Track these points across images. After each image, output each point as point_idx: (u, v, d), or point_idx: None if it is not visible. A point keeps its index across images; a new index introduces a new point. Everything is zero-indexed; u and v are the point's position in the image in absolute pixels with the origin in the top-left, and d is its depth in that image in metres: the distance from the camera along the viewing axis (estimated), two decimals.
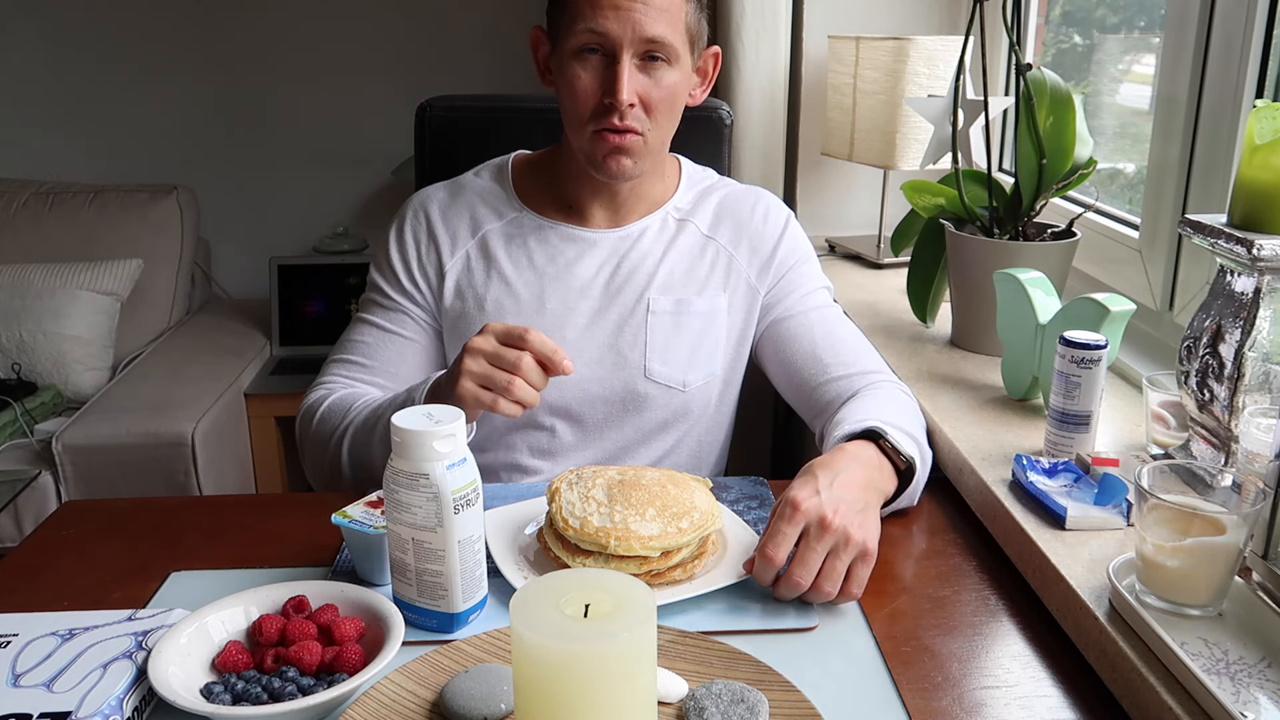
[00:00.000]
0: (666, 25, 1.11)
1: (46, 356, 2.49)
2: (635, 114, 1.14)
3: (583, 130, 1.16)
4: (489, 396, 1.00)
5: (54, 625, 0.83)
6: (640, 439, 1.27)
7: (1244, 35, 1.15)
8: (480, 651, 0.82)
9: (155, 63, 2.91)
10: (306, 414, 1.21)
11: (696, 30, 1.17)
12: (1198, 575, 0.78)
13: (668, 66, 1.14)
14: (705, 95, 1.26)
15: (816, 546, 0.87)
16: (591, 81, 1.13)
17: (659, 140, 1.19)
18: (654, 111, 1.15)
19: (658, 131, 1.17)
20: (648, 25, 1.10)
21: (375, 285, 1.27)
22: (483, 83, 2.95)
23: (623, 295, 1.25)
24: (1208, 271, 1.23)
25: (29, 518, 2.20)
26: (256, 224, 3.09)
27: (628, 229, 1.26)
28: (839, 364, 1.21)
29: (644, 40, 1.11)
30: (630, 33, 1.10)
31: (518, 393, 0.99)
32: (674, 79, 1.15)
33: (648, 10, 1.10)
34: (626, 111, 1.12)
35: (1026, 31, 1.86)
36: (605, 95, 1.12)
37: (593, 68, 1.13)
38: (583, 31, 1.11)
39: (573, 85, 1.14)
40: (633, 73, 1.12)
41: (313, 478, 1.24)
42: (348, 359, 1.24)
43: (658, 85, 1.14)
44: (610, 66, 1.12)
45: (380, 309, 1.26)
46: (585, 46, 1.12)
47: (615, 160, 1.16)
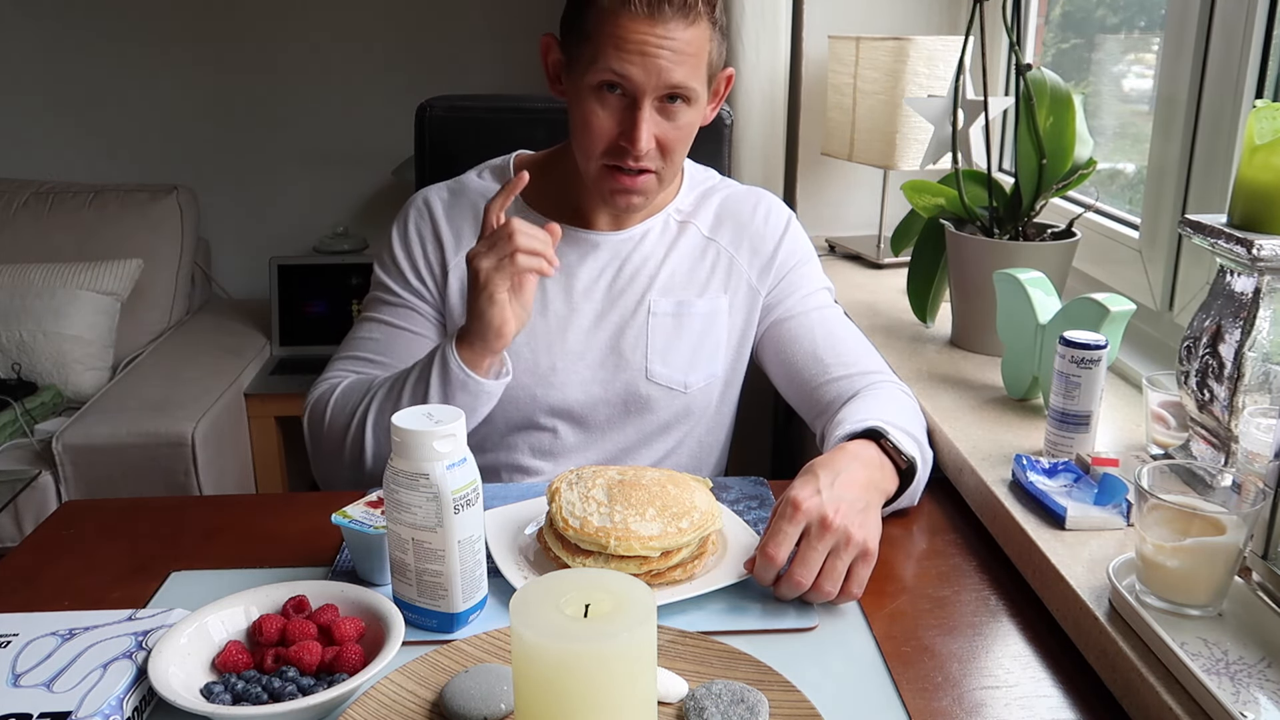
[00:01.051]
0: (690, 71, 1.09)
1: (46, 356, 2.49)
2: (650, 155, 1.12)
3: (593, 163, 1.15)
4: (507, 262, 1.03)
5: (54, 625, 0.83)
6: (641, 440, 1.27)
7: (1244, 35, 1.15)
8: (480, 651, 0.82)
9: (155, 62, 2.91)
10: (316, 408, 1.17)
11: (718, 64, 1.15)
12: (1198, 575, 0.78)
13: (686, 107, 1.12)
14: (715, 114, 1.23)
15: (818, 546, 0.87)
16: (608, 120, 1.11)
17: (671, 174, 1.18)
18: (670, 151, 1.14)
19: (671, 168, 1.16)
20: (673, 73, 1.07)
21: (380, 284, 1.26)
22: (483, 83, 2.95)
23: (624, 297, 1.25)
24: (1208, 271, 1.23)
25: (29, 518, 2.20)
26: (256, 224, 3.08)
27: (630, 232, 1.26)
28: (839, 364, 1.21)
29: (667, 87, 1.08)
30: (655, 80, 1.07)
31: (519, 241, 1.02)
32: (691, 118, 1.13)
33: (674, 57, 1.07)
34: (642, 155, 1.11)
35: (1026, 31, 1.86)
36: (622, 138, 1.11)
37: (611, 107, 1.10)
38: (604, 70, 1.08)
39: (588, 120, 1.11)
40: (651, 116, 1.10)
41: (325, 474, 1.20)
42: (355, 355, 1.22)
43: (675, 126, 1.12)
44: (629, 109, 1.10)
45: (386, 306, 1.25)
46: (605, 84, 1.09)
47: (625, 199, 1.16)
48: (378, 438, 1.12)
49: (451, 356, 1.07)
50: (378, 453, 1.13)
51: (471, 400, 1.09)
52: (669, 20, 1.06)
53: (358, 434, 1.13)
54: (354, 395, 1.15)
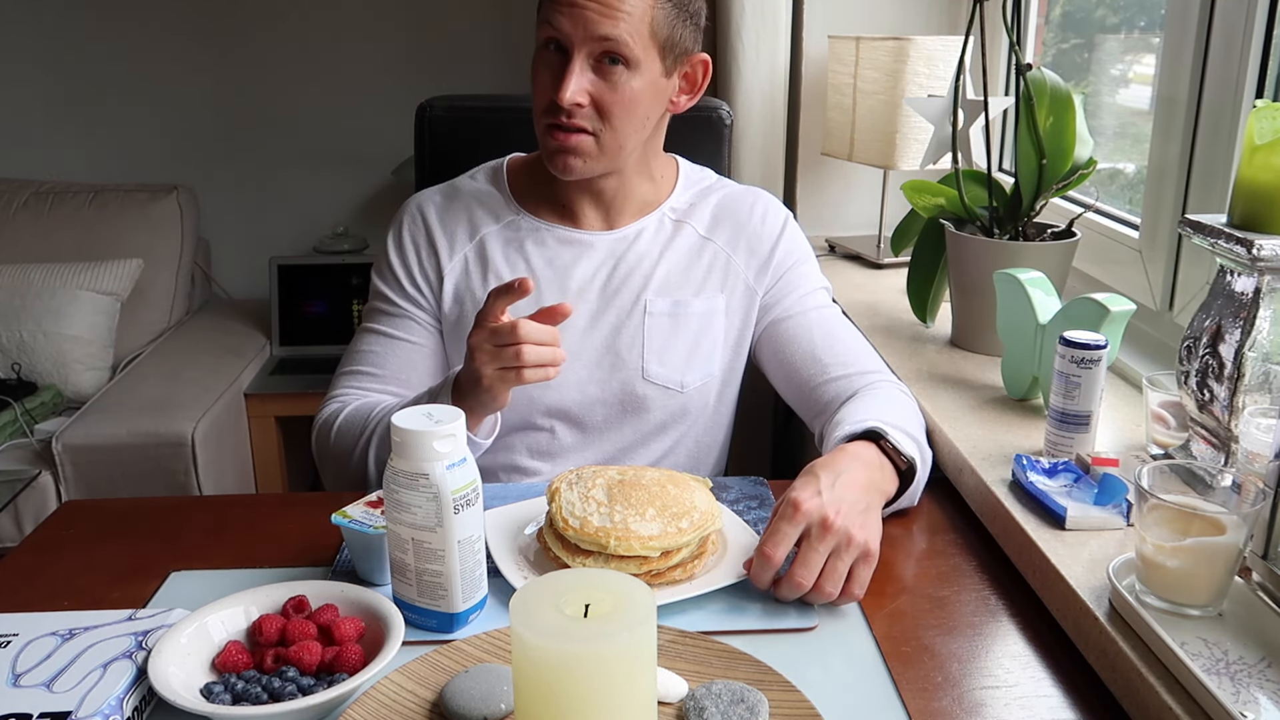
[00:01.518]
0: (623, 27, 1.09)
1: (46, 356, 2.49)
2: (585, 114, 1.13)
3: (539, 123, 1.17)
4: (513, 374, 1.01)
5: (54, 625, 0.83)
6: (639, 440, 1.27)
7: (1244, 35, 1.15)
8: (480, 651, 0.82)
9: (155, 63, 2.91)
10: (323, 429, 1.20)
11: (668, 36, 1.13)
12: (1198, 575, 0.78)
13: (626, 70, 1.12)
14: (693, 103, 1.23)
15: (818, 547, 0.87)
16: (547, 77, 1.13)
17: (615, 144, 1.16)
18: (608, 114, 1.13)
19: (613, 135, 1.15)
20: (600, 24, 1.09)
21: (378, 293, 1.27)
22: (483, 83, 2.95)
23: (620, 297, 1.25)
24: (1208, 271, 1.23)
25: (29, 518, 2.20)
26: (256, 224, 3.08)
27: (624, 231, 1.26)
28: (838, 364, 1.21)
29: (596, 39, 1.09)
30: (582, 31, 1.09)
31: (529, 357, 1.00)
32: (634, 85, 1.12)
33: (603, 9, 1.09)
34: (573, 110, 1.12)
35: (1026, 32, 1.86)
36: (554, 91, 1.12)
37: (550, 65, 1.13)
38: (543, 24, 1.12)
39: (534, 80, 1.15)
40: (584, 72, 1.11)
41: (334, 487, 1.23)
42: (357, 369, 1.24)
43: (613, 89, 1.12)
44: (564, 64, 1.12)
45: (385, 316, 1.26)
46: (547, 41, 1.13)
47: (563, 159, 1.16)
48: (377, 469, 1.15)
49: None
50: (379, 481, 1.14)
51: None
52: None
53: (360, 460, 1.15)
54: (356, 423, 1.16)
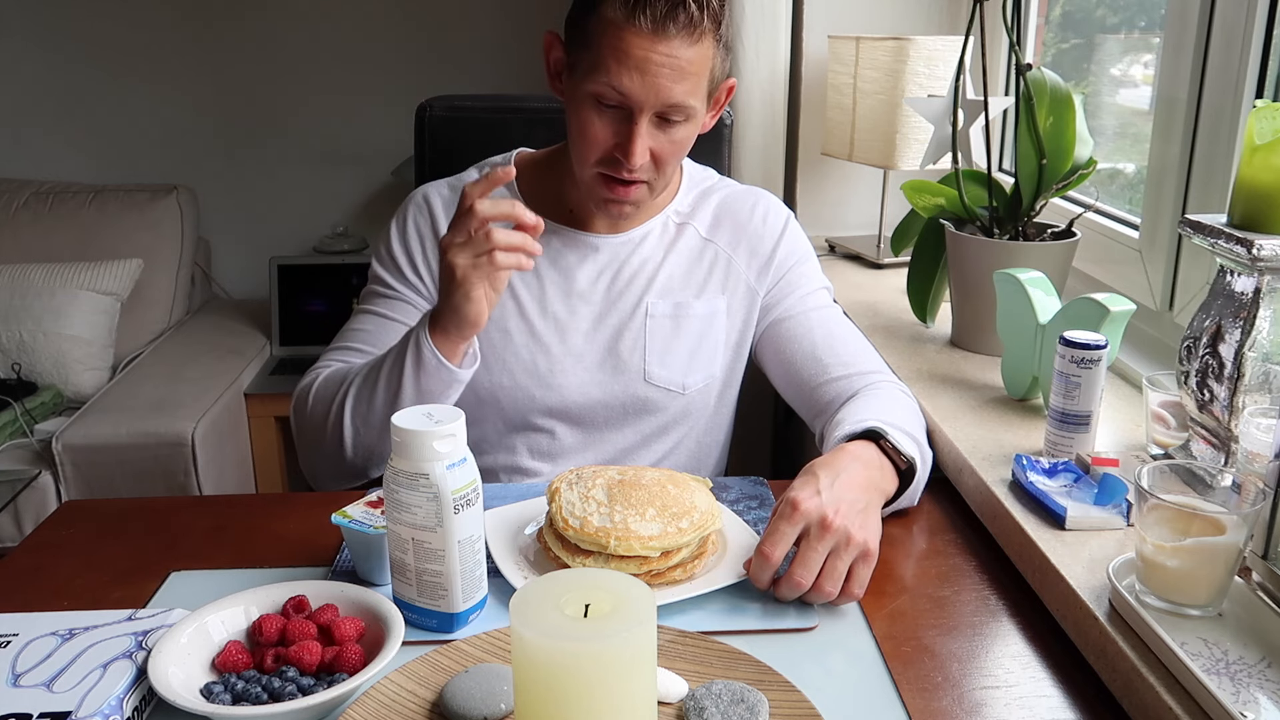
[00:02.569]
0: (690, 89, 1.08)
1: (46, 356, 2.49)
2: (644, 168, 1.12)
3: (586, 170, 1.15)
4: (486, 262, 1.00)
5: (54, 625, 0.83)
6: (640, 442, 1.27)
7: (1244, 35, 1.15)
8: (480, 651, 0.82)
9: (155, 63, 2.91)
10: (301, 395, 1.17)
11: (720, 77, 1.14)
12: (1198, 575, 0.78)
13: (684, 123, 1.11)
14: (714, 122, 1.22)
15: (818, 546, 0.87)
16: (604, 131, 1.10)
17: (662, 185, 1.18)
18: (662, 164, 1.13)
19: (662, 179, 1.16)
20: (673, 91, 1.07)
21: (377, 277, 1.26)
22: (483, 83, 2.95)
23: (622, 300, 1.25)
24: (1208, 271, 1.23)
25: (29, 518, 2.20)
26: (256, 224, 3.09)
27: (629, 234, 1.26)
28: (839, 364, 1.21)
29: (666, 104, 1.08)
30: (653, 98, 1.07)
31: (500, 240, 0.99)
32: (687, 132, 1.13)
33: (675, 75, 1.06)
34: (636, 168, 1.11)
35: (1026, 32, 1.86)
36: (617, 150, 1.11)
37: (608, 119, 1.10)
38: (603, 83, 1.07)
39: (584, 128, 1.11)
40: (647, 131, 1.09)
41: (309, 464, 1.20)
42: (347, 345, 1.22)
43: (670, 140, 1.12)
44: (626, 123, 1.09)
45: (381, 299, 1.25)
46: (604, 98, 1.09)
47: (617, 208, 1.16)
48: (355, 424, 1.11)
49: (426, 344, 1.05)
50: (356, 440, 1.12)
51: (443, 387, 1.08)
52: (673, 38, 1.05)
53: (336, 419, 1.12)
54: (334, 382, 1.14)
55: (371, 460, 1.14)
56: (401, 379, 1.06)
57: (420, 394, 1.07)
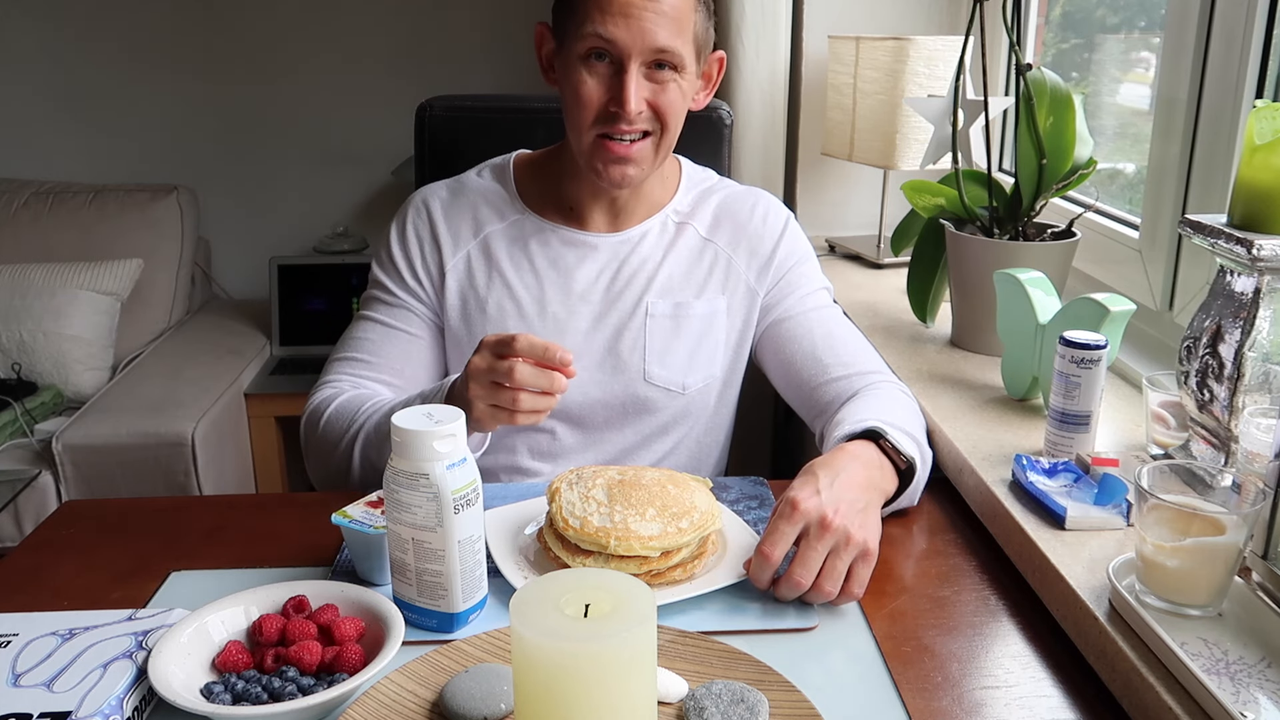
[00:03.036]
0: (675, 34, 1.10)
1: (46, 356, 2.49)
2: (643, 117, 1.13)
3: (585, 135, 1.15)
4: (505, 415, 0.99)
5: (54, 625, 0.83)
6: (640, 441, 1.27)
7: (1244, 35, 1.15)
8: (480, 651, 0.82)
9: (155, 63, 2.91)
10: (312, 416, 1.19)
11: (704, 39, 1.16)
12: (1198, 575, 0.78)
13: (675, 75, 1.13)
14: (708, 99, 1.25)
15: (817, 546, 0.87)
16: (598, 88, 1.12)
17: (666, 145, 1.18)
18: (663, 118, 1.14)
19: (666, 136, 1.16)
20: (658, 34, 1.09)
21: (378, 282, 1.27)
22: (483, 83, 2.95)
23: (622, 300, 1.25)
24: (1208, 271, 1.23)
25: (29, 518, 2.20)
26: (256, 224, 3.08)
27: (628, 233, 1.26)
28: (839, 364, 1.21)
29: (653, 49, 1.10)
30: (640, 41, 1.09)
31: (524, 404, 0.98)
32: (682, 87, 1.14)
33: (658, 19, 1.09)
34: (634, 118, 1.12)
35: (1026, 32, 1.86)
36: (611, 103, 1.12)
37: (599, 74, 1.12)
38: (590, 36, 1.09)
39: (578, 90, 1.13)
40: (640, 81, 1.11)
41: (317, 478, 1.23)
42: (352, 356, 1.23)
43: (665, 93, 1.13)
44: (618, 74, 1.11)
45: (383, 305, 1.25)
46: (592, 51, 1.11)
47: (619, 169, 1.16)
48: (363, 465, 1.13)
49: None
50: (365, 471, 1.14)
51: None
52: None
53: (346, 453, 1.14)
54: (346, 415, 1.15)
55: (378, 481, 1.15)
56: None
57: None
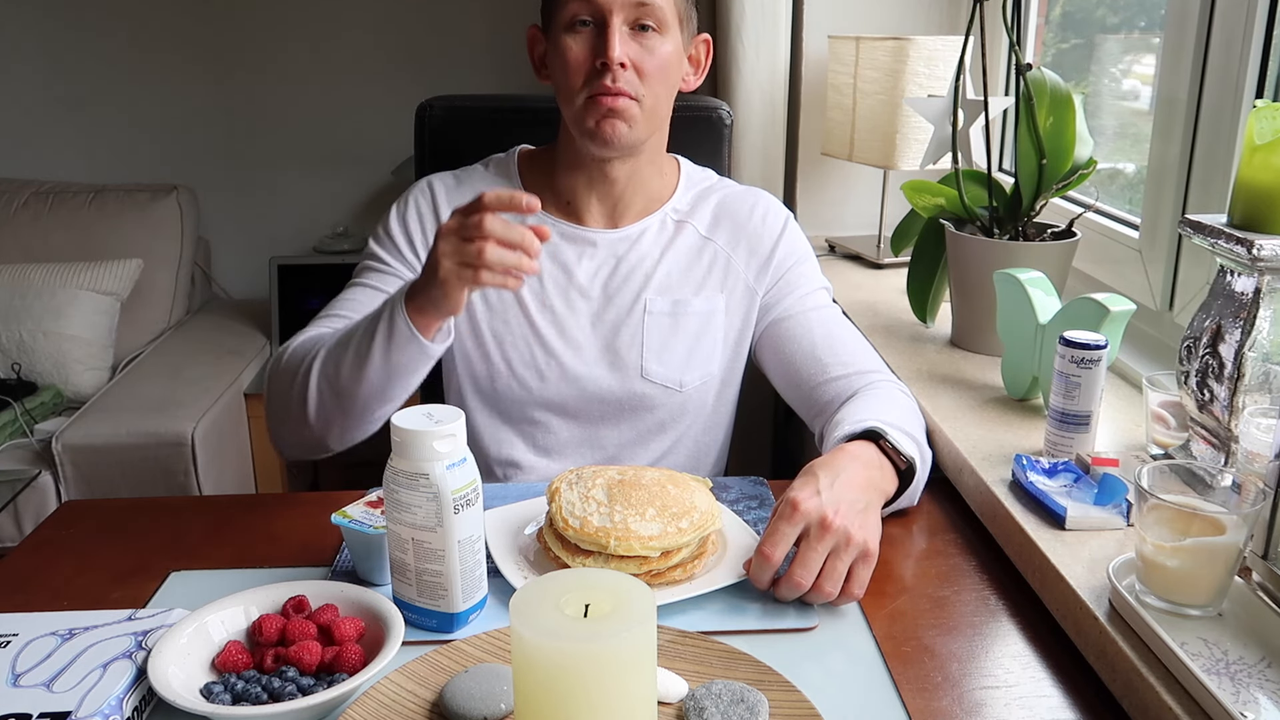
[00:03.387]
0: None
1: (46, 356, 2.49)
2: (628, 77, 1.14)
3: (575, 100, 1.15)
4: (470, 272, 0.96)
5: (54, 625, 0.83)
6: (637, 438, 1.27)
7: (1244, 35, 1.15)
8: (480, 651, 0.82)
9: (155, 62, 2.91)
10: (277, 356, 1.15)
11: (685, 10, 1.18)
12: (1198, 575, 0.78)
13: (659, 35, 1.15)
14: (699, 82, 1.26)
15: (817, 546, 0.87)
16: (583, 50, 1.14)
17: (653, 109, 1.17)
18: (647, 77, 1.15)
19: (652, 99, 1.16)
20: None
21: (372, 253, 1.26)
22: (483, 83, 2.95)
23: (620, 296, 1.25)
24: (1208, 271, 1.23)
25: (29, 518, 2.20)
26: (256, 224, 3.08)
27: (627, 230, 1.26)
28: (838, 364, 1.21)
29: (633, 5, 1.12)
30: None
31: (490, 256, 0.94)
32: (666, 49, 1.16)
33: None
34: (619, 72, 1.13)
35: (1026, 32, 1.86)
36: (597, 58, 1.13)
37: (584, 38, 1.14)
38: (572, 3, 1.13)
39: (565, 58, 1.14)
40: (624, 37, 1.13)
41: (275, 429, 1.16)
42: (333, 314, 1.19)
43: (650, 53, 1.14)
44: (601, 34, 1.13)
45: (375, 273, 1.24)
46: (576, 19, 1.13)
47: (610, 124, 1.14)
48: (319, 386, 1.08)
49: (400, 315, 1.02)
50: (320, 403, 1.08)
51: (412, 360, 1.05)
52: None
53: (303, 380, 1.08)
54: (308, 346, 1.12)
55: (330, 431, 1.10)
56: (372, 346, 1.04)
57: (389, 365, 1.04)
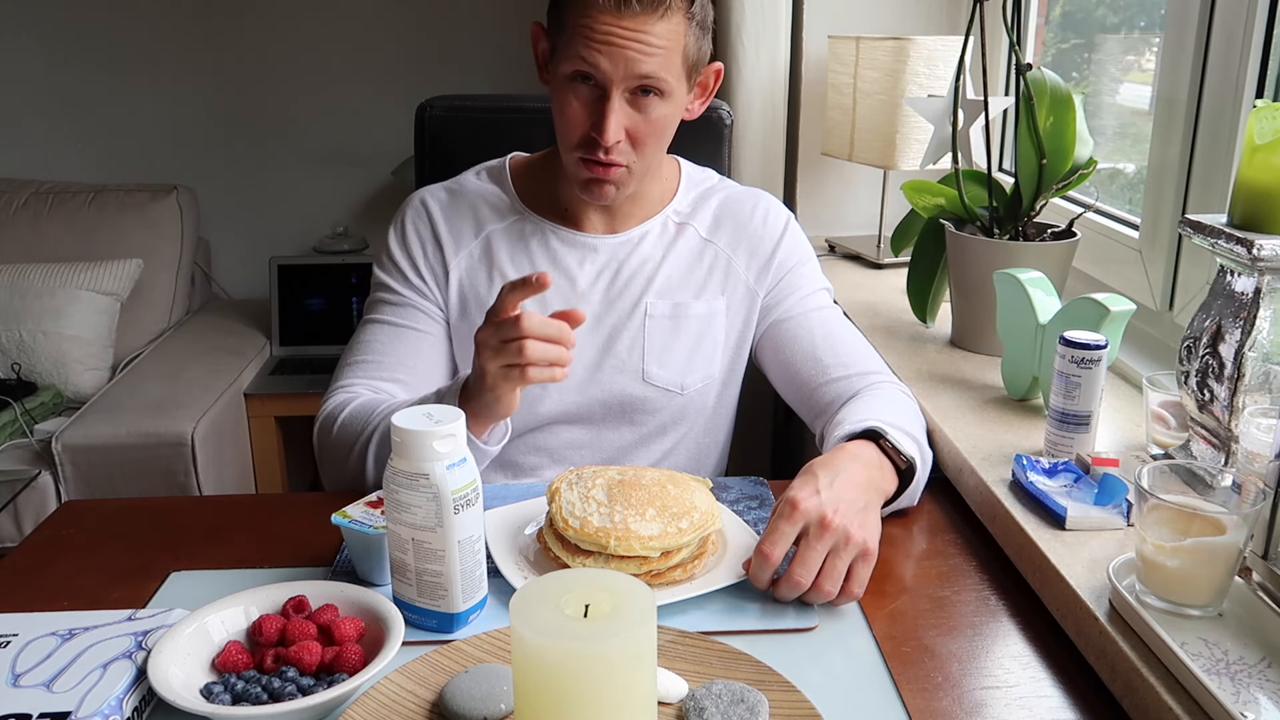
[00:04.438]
0: (662, 64, 1.09)
1: (46, 356, 2.49)
2: (621, 149, 1.13)
3: (569, 154, 1.16)
4: (517, 372, 0.98)
5: (54, 625, 0.83)
6: (638, 441, 1.27)
7: (1244, 35, 1.15)
8: (480, 651, 0.82)
9: (155, 63, 2.91)
10: (325, 422, 1.16)
11: (697, 58, 1.14)
12: (1198, 575, 0.78)
13: (659, 99, 1.12)
14: (704, 108, 1.24)
15: (817, 546, 0.87)
16: (580, 111, 1.12)
17: (644, 168, 1.17)
18: (640, 144, 1.14)
19: (643, 161, 1.16)
20: (641, 64, 1.07)
21: (381, 284, 1.26)
22: (483, 83, 2.95)
23: (621, 300, 1.25)
24: (1208, 271, 1.23)
25: (29, 518, 2.20)
26: (256, 224, 3.08)
27: (628, 234, 1.26)
28: (839, 365, 1.21)
29: (637, 77, 1.09)
30: (623, 70, 1.08)
31: (533, 352, 0.96)
32: (664, 111, 1.13)
33: (644, 49, 1.07)
34: (612, 148, 1.12)
35: (1026, 31, 1.86)
36: (593, 129, 1.11)
37: (583, 98, 1.11)
38: (575, 59, 1.09)
39: (563, 109, 1.13)
40: (621, 108, 1.10)
41: (330, 484, 1.20)
42: (361, 360, 1.21)
43: (647, 119, 1.12)
44: (600, 101, 1.10)
45: (389, 306, 1.24)
46: (577, 74, 1.10)
47: (599, 188, 1.16)
48: (378, 468, 1.11)
49: None
50: (378, 480, 1.11)
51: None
52: (638, 15, 1.06)
53: (360, 457, 1.11)
54: (360, 419, 1.13)
55: None
56: None
57: None
